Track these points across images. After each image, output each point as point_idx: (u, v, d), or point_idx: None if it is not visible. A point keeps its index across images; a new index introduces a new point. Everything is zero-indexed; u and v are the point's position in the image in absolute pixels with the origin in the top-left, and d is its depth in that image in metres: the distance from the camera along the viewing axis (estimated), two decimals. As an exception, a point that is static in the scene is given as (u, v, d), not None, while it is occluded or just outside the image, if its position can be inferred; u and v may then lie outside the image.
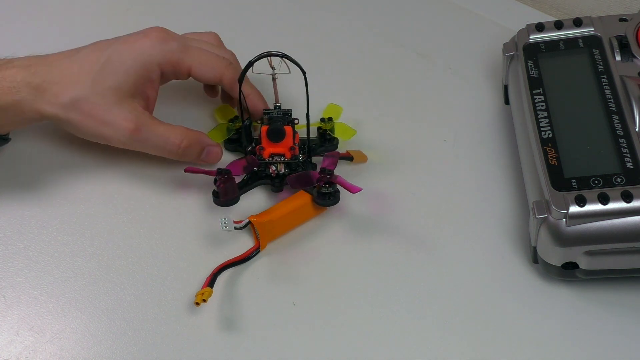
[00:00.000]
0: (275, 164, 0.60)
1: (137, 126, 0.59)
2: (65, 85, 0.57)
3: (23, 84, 0.56)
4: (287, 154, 0.60)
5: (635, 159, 0.53)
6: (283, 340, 0.53)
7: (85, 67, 0.58)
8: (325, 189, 0.58)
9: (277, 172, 0.60)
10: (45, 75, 0.57)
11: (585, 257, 0.52)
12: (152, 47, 0.59)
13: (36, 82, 0.57)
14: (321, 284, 0.56)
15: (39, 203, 0.61)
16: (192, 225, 0.60)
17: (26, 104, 0.57)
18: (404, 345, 0.53)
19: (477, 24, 0.77)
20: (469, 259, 0.58)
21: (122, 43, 0.59)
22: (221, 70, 0.62)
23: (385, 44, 0.75)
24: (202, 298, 0.52)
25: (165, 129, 0.60)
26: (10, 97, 0.56)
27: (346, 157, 0.62)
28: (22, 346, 0.53)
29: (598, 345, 0.53)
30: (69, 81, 0.57)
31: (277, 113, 0.61)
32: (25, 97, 0.56)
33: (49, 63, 0.58)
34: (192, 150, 0.61)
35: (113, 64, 0.58)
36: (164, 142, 0.60)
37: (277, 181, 0.61)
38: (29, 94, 0.56)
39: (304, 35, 0.75)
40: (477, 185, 0.62)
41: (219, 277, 0.54)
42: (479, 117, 0.68)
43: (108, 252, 0.58)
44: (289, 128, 0.60)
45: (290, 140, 0.60)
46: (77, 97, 0.57)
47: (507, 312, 0.54)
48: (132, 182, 0.62)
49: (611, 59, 0.60)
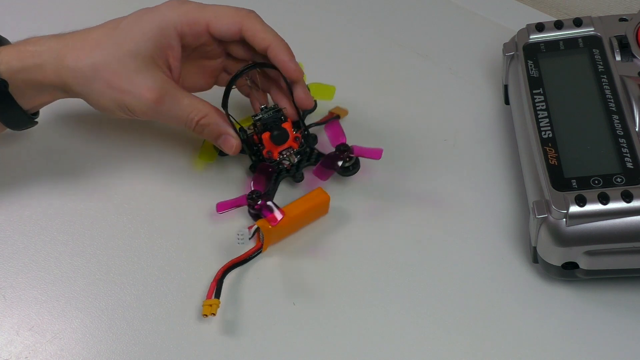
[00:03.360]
0: (287, 158, 0.61)
1: (160, 96, 0.56)
2: (85, 51, 0.56)
3: (46, 47, 0.56)
4: (293, 145, 0.61)
5: (635, 159, 0.53)
6: (283, 340, 0.53)
7: (105, 32, 0.57)
8: (347, 163, 0.60)
9: (291, 164, 0.61)
10: (67, 40, 0.57)
11: (585, 257, 0.52)
12: (168, 10, 0.58)
13: (58, 47, 0.56)
14: (321, 284, 0.56)
15: (39, 203, 0.61)
16: (192, 225, 0.60)
17: (48, 67, 0.56)
18: (403, 345, 0.53)
19: (477, 24, 0.77)
20: (469, 259, 0.58)
21: (139, 11, 0.58)
22: (241, 19, 0.59)
23: (385, 44, 0.75)
24: (211, 312, 0.52)
25: (190, 103, 0.58)
26: (32, 60, 0.56)
27: (332, 118, 0.63)
28: (22, 346, 0.53)
29: (598, 345, 0.53)
30: (89, 46, 0.57)
31: (267, 114, 0.60)
32: (47, 60, 0.56)
33: (73, 33, 0.58)
34: (211, 131, 0.59)
35: (131, 28, 0.57)
36: (186, 117, 0.58)
37: (295, 172, 0.61)
38: (51, 57, 0.56)
39: (303, 36, 0.75)
40: (477, 185, 0.62)
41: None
42: (479, 117, 0.68)
43: (108, 252, 0.58)
44: (286, 124, 0.60)
45: (291, 132, 0.60)
46: (97, 62, 0.56)
47: (507, 312, 0.54)
48: (132, 182, 0.62)
49: (611, 59, 0.60)
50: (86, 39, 0.57)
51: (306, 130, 0.62)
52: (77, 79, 0.56)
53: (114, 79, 0.56)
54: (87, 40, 0.57)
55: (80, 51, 0.56)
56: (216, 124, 0.59)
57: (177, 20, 0.58)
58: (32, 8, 0.77)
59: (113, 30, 0.57)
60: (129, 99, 0.56)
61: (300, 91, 0.60)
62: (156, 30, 0.57)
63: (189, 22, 0.58)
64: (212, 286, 0.54)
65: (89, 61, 0.56)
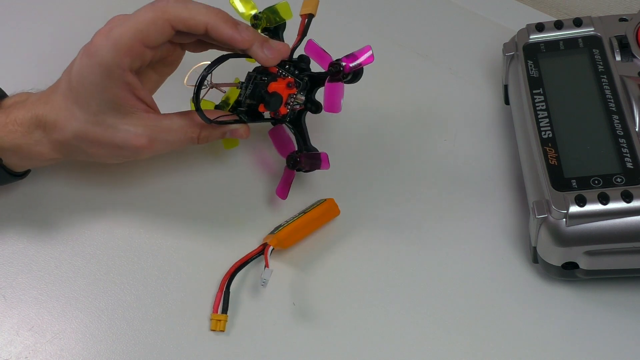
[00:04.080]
0: (295, 103, 0.58)
1: (150, 139, 0.54)
2: (61, 120, 0.54)
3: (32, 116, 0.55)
4: (291, 92, 0.58)
5: (635, 159, 0.53)
6: (283, 340, 0.53)
7: (64, 95, 0.54)
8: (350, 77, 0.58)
9: (302, 105, 0.58)
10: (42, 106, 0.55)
11: (585, 257, 0.52)
12: (102, 53, 0.52)
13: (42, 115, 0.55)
14: (321, 284, 0.56)
15: (39, 203, 0.60)
16: (192, 224, 0.60)
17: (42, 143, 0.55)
18: (403, 345, 0.53)
19: (477, 24, 0.77)
20: (469, 259, 0.58)
21: (80, 56, 0.54)
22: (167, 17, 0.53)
23: (385, 44, 0.75)
24: (219, 328, 0.53)
25: (180, 125, 0.55)
26: (23, 140, 0.55)
27: (308, 20, 0.60)
28: (22, 346, 0.53)
29: (598, 345, 0.53)
30: (63, 116, 0.54)
31: (248, 89, 0.58)
32: (38, 138, 0.55)
33: (45, 100, 0.55)
34: (215, 136, 0.57)
35: (81, 84, 0.53)
36: (185, 138, 0.56)
37: (310, 106, 0.58)
38: (39, 133, 0.55)
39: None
40: (477, 185, 0.62)
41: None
42: (479, 117, 0.68)
43: (108, 252, 0.58)
44: (273, 83, 0.57)
45: (282, 86, 0.58)
46: (77, 132, 0.54)
47: (507, 312, 0.54)
48: (132, 182, 0.62)
49: (611, 59, 0.60)
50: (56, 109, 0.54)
51: (291, 63, 0.58)
52: (70, 150, 0.56)
53: (102, 140, 0.54)
54: (57, 110, 0.54)
55: (60, 121, 0.54)
56: (213, 129, 0.57)
57: (116, 58, 0.52)
58: (32, 8, 0.77)
59: (68, 92, 0.54)
60: (125, 153, 0.55)
61: (259, 54, 0.55)
62: (107, 80, 0.53)
63: (126, 52, 0.53)
64: (217, 298, 0.54)
65: (69, 133, 0.54)
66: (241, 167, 0.63)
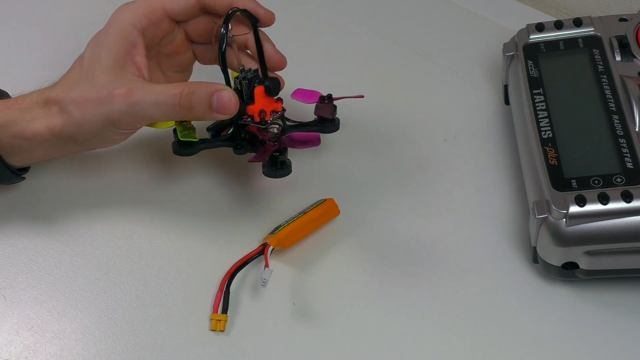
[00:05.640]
0: (276, 122, 0.57)
1: (129, 89, 0.54)
2: (64, 91, 0.56)
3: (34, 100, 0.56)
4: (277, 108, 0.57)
5: (635, 159, 0.53)
6: (283, 340, 0.53)
7: (76, 70, 0.57)
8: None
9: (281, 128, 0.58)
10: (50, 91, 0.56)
11: (585, 257, 0.52)
12: (122, 12, 0.57)
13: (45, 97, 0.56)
14: (321, 284, 0.56)
15: (39, 203, 0.61)
16: (192, 224, 0.60)
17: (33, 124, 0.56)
18: (403, 345, 0.53)
19: (477, 24, 0.77)
20: (468, 258, 0.58)
21: (98, 33, 0.57)
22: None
23: (385, 44, 0.75)
24: (219, 328, 0.53)
25: (163, 87, 0.55)
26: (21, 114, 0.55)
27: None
28: (22, 346, 0.53)
29: (598, 345, 0.53)
30: (67, 87, 0.56)
31: (250, 73, 0.57)
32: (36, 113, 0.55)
33: (55, 85, 0.57)
34: (198, 98, 0.54)
35: (95, 51, 0.56)
36: (164, 97, 0.54)
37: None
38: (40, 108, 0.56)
39: (303, 36, 0.75)
40: (477, 185, 0.62)
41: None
42: (479, 117, 0.68)
43: (108, 252, 0.58)
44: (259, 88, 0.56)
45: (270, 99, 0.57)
46: (74, 96, 0.55)
47: (507, 312, 0.54)
48: (132, 181, 0.62)
49: (611, 59, 0.60)
50: (65, 82, 0.56)
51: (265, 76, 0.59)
52: (65, 119, 0.55)
53: (88, 97, 0.55)
54: (65, 83, 0.56)
55: (62, 93, 0.55)
56: (201, 86, 0.54)
57: (134, 17, 0.56)
58: (32, 8, 0.77)
59: (80, 64, 0.56)
60: (105, 107, 0.54)
61: (271, 48, 0.59)
62: (117, 38, 0.56)
63: (145, 13, 0.57)
64: (217, 298, 0.54)
65: (69, 99, 0.55)
66: (241, 167, 0.63)
